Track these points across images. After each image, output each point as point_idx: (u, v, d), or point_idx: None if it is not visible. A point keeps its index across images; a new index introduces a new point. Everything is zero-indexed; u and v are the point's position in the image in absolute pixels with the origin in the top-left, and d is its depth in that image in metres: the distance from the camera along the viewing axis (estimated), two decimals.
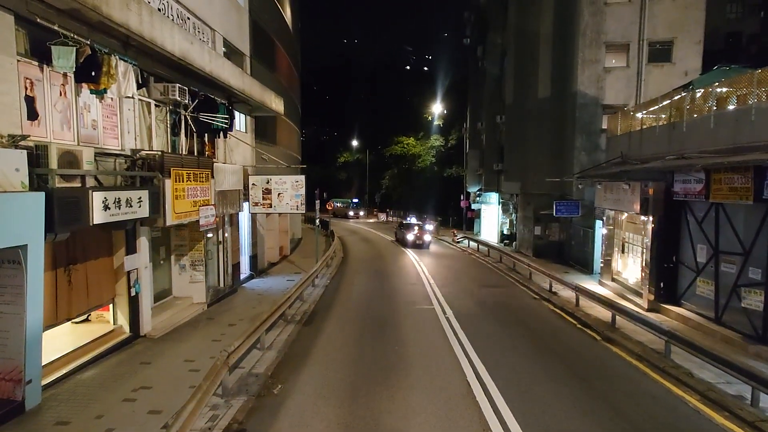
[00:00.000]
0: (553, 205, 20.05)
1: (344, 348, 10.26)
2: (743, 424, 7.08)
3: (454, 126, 50.24)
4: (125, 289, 9.89)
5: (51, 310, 8.01)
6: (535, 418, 7.15)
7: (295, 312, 12.79)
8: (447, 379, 8.61)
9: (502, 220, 30.45)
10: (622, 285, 15.76)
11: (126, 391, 7.71)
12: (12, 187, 6.35)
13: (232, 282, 15.10)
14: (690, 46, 19.72)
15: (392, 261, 23.06)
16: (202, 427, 6.62)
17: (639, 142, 14.32)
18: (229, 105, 13.71)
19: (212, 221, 11.93)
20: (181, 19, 12.17)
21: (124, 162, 9.46)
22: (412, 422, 7.01)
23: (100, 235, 9.24)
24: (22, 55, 7.13)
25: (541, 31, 23.88)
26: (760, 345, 9.87)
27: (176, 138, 11.78)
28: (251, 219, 17.82)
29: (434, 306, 13.98)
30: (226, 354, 7.38)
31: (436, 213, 45.40)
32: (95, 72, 7.99)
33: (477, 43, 34.82)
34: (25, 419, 6.75)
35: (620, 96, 20.18)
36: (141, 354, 9.45)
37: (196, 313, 12.45)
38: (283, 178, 16.15)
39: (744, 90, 10.42)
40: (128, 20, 8.32)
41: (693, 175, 11.72)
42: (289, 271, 19.63)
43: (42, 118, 7.49)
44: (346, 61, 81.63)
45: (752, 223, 10.48)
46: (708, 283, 11.87)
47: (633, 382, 8.70)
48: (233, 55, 15.87)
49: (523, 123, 25.23)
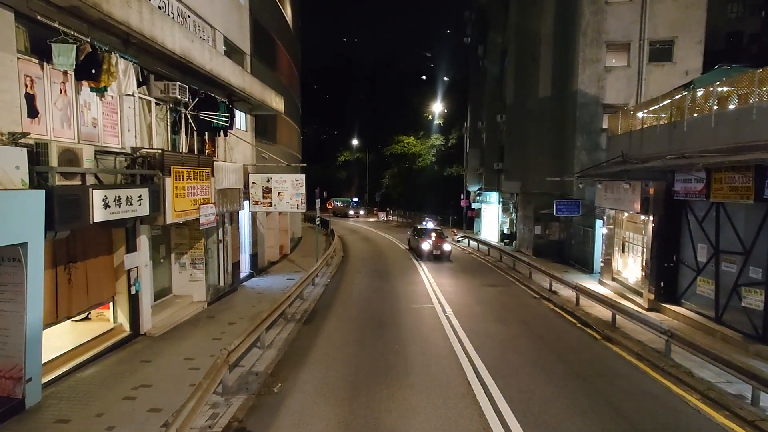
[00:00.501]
0: (554, 204, 20.04)
1: (344, 346, 10.26)
2: (743, 423, 7.07)
3: (454, 125, 50.15)
4: (125, 287, 9.88)
5: (51, 308, 8.00)
6: (535, 418, 7.15)
7: (295, 310, 12.79)
8: (447, 377, 8.61)
9: (502, 220, 30.43)
10: (622, 284, 15.75)
11: (126, 390, 7.71)
12: (12, 185, 6.34)
13: (232, 280, 15.09)
14: (691, 46, 19.70)
15: (392, 260, 23.05)
16: (202, 425, 6.62)
17: (639, 142, 14.31)
18: (229, 103, 13.69)
19: (212, 220, 11.91)
20: (182, 17, 12.16)
21: (124, 160, 9.45)
22: (413, 421, 7.00)
23: (100, 233, 9.23)
24: (23, 53, 7.11)
25: (541, 30, 23.86)
26: (761, 344, 9.87)
27: (176, 136, 11.77)
28: (251, 217, 17.81)
29: (434, 305, 13.98)
30: (226, 352, 7.38)
31: (436, 212, 45.37)
32: (95, 70, 7.98)
33: (478, 42, 34.79)
34: (25, 417, 6.75)
35: (621, 95, 20.16)
36: (141, 352, 9.45)
37: (196, 311, 12.44)
38: (283, 177, 16.14)
39: (745, 89, 10.40)
40: (129, 18, 8.31)
41: (694, 175, 11.71)
42: (290, 269, 19.63)
43: (42, 116, 7.48)
44: (346, 60, 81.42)
45: (753, 223, 10.47)
46: (708, 282, 11.87)
47: (633, 381, 8.70)
48: (234, 53, 15.85)
49: (524, 122, 25.19)
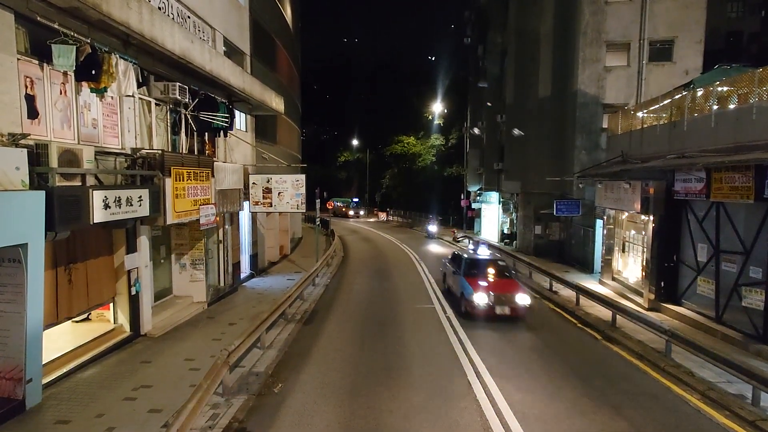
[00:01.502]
0: (554, 204, 20.05)
1: (345, 347, 10.26)
2: (744, 423, 7.07)
3: (454, 125, 50.19)
4: (125, 287, 9.88)
5: (51, 309, 8.00)
6: (536, 417, 7.14)
7: (295, 311, 12.79)
8: (447, 378, 8.61)
9: (502, 220, 30.44)
10: (622, 284, 15.75)
11: (126, 390, 7.70)
12: (12, 186, 6.34)
13: (233, 281, 15.09)
14: (691, 45, 19.70)
15: (392, 260, 23.04)
16: (203, 425, 6.62)
17: (639, 141, 14.31)
18: (229, 104, 13.70)
19: (213, 220, 11.91)
20: (182, 18, 12.16)
21: (124, 161, 9.45)
22: (413, 421, 7.00)
23: (100, 233, 9.23)
24: (23, 54, 7.11)
25: (541, 30, 23.87)
26: (761, 344, 9.86)
27: (176, 137, 11.78)
28: (251, 218, 17.81)
29: (434, 305, 13.98)
30: (226, 353, 7.37)
31: (436, 212, 45.41)
32: (95, 70, 7.97)
33: (477, 42, 34.81)
34: (26, 418, 6.74)
35: (621, 95, 20.15)
36: (141, 353, 9.45)
37: (197, 312, 12.44)
38: (283, 177, 16.14)
39: (745, 89, 10.42)
40: (128, 19, 8.31)
41: (694, 174, 11.71)
42: (290, 270, 19.62)
43: (42, 117, 7.48)
44: (346, 60, 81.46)
45: (753, 222, 10.47)
46: (709, 282, 11.86)
47: (633, 381, 8.70)
48: (234, 53, 15.85)
49: (524, 122, 25.20)
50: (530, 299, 12.45)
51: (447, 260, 16.05)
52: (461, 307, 12.84)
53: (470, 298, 12.09)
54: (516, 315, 12.11)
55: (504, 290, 12.29)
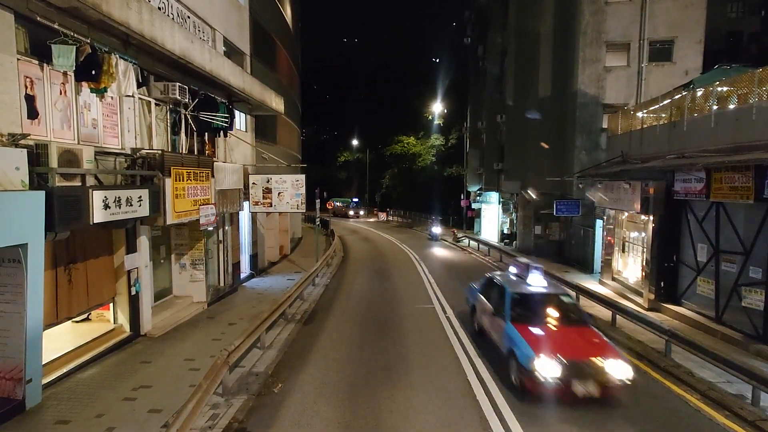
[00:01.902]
0: (554, 204, 20.05)
1: (345, 347, 10.26)
2: (744, 423, 7.08)
3: (454, 125, 50.19)
4: (125, 288, 9.89)
5: (51, 309, 8.00)
6: (536, 417, 7.15)
7: (295, 311, 12.79)
8: (447, 378, 8.60)
9: (502, 220, 30.44)
10: (622, 284, 15.75)
11: (126, 390, 7.71)
12: (12, 186, 6.34)
13: (233, 281, 15.09)
14: (690, 46, 19.70)
15: (392, 260, 23.04)
16: (203, 425, 6.62)
17: (639, 142, 14.31)
18: (229, 104, 13.70)
19: (213, 220, 11.91)
20: (182, 18, 12.16)
21: (124, 161, 9.45)
22: (413, 421, 7.00)
23: (100, 233, 9.23)
24: (22, 54, 7.12)
25: (541, 30, 23.85)
26: (761, 344, 9.87)
27: (176, 137, 11.78)
28: (251, 218, 17.81)
29: (434, 305, 13.98)
30: (226, 353, 7.38)
31: (436, 212, 45.42)
32: (95, 71, 7.98)
33: (477, 42, 34.81)
34: (26, 418, 6.75)
35: (621, 95, 20.15)
36: (141, 353, 9.45)
37: (197, 312, 12.45)
38: (283, 177, 16.14)
39: (745, 89, 10.41)
40: (128, 19, 8.31)
41: (693, 175, 11.71)
42: (290, 270, 19.62)
43: (42, 117, 7.49)
44: (346, 60, 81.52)
45: (753, 223, 10.47)
46: (708, 282, 11.86)
47: (633, 381, 8.68)
48: (233, 54, 15.86)
49: (524, 122, 25.20)
50: (630, 368, 7.49)
51: (477, 287, 11.51)
52: (510, 374, 8.19)
53: (530, 367, 7.41)
54: (607, 392, 7.37)
55: (585, 353, 7.60)
